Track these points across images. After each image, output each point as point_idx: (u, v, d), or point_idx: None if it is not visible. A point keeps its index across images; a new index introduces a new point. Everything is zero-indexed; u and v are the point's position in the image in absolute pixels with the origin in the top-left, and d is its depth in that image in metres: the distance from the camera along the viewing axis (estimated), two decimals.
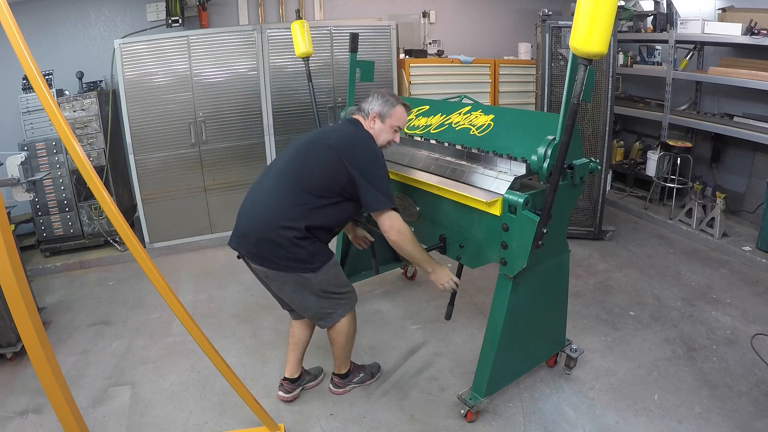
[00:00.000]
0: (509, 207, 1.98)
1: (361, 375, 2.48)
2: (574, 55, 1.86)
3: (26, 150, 3.85)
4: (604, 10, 1.36)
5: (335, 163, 1.99)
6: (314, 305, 2.13)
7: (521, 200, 1.93)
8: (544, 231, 1.89)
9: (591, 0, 1.38)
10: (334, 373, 2.44)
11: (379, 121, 2.16)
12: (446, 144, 2.44)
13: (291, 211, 1.97)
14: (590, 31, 1.39)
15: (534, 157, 1.99)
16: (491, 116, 2.42)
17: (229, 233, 2.14)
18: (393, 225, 2.03)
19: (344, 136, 2.09)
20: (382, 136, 2.17)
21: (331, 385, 2.46)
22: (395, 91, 4.58)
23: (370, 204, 2.02)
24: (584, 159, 2.10)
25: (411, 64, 4.67)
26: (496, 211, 2.03)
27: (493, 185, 2.11)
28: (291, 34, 2.89)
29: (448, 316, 2.60)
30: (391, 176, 2.60)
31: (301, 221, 1.96)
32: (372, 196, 2.00)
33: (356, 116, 2.21)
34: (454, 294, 2.50)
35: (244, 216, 2.08)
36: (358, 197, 2.02)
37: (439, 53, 5.17)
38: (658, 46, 5.24)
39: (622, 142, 5.44)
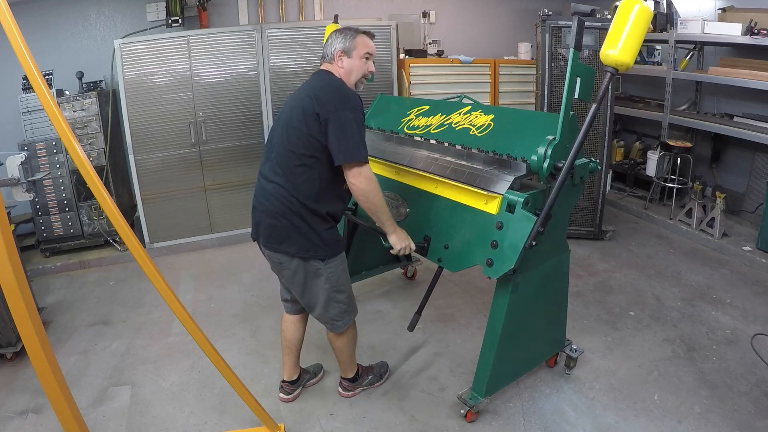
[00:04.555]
0: (508, 206, 1.98)
1: (370, 377, 2.47)
2: (574, 55, 1.87)
3: (26, 150, 3.85)
4: (638, 28, 1.62)
5: (313, 118, 1.88)
6: (322, 308, 2.10)
7: (521, 200, 1.93)
8: (541, 230, 1.87)
9: (627, 15, 1.62)
10: (342, 377, 2.42)
11: (346, 58, 2.02)
12: (446, 144, 2.44)
13: (301, 187, 1.92)
14: (624, 43, 1.64)
15: (534, 157, 1.99)
16: (491, 116, 2.42)
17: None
18: (362, 172, 1.88)
19: (311, 88, 1.98)
20: (354, 72, 2.03)
21: (340, 389, 2.44)
22: (395, 92, 4.59)
23: (338, 154, 1.86)
24: (584, 159, 2.10)
25: (411, 64, 4.66)
26: (493, 209, 2.02)
27: (493, 185, 2.10)
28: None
29: (411, 327, 2.48)
30: (388, 175, 2.61)
31: (311, 195, 1.92)
32: (341, 146, 1.85)
33: (323, 67, 2.08)
34: (423, 303, 2.43)
35: (256, 199, 2.06)
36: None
37: (439, 53, 5.17)
38: (658, 46, 5.24)
39: (622, 142, 5.43)
